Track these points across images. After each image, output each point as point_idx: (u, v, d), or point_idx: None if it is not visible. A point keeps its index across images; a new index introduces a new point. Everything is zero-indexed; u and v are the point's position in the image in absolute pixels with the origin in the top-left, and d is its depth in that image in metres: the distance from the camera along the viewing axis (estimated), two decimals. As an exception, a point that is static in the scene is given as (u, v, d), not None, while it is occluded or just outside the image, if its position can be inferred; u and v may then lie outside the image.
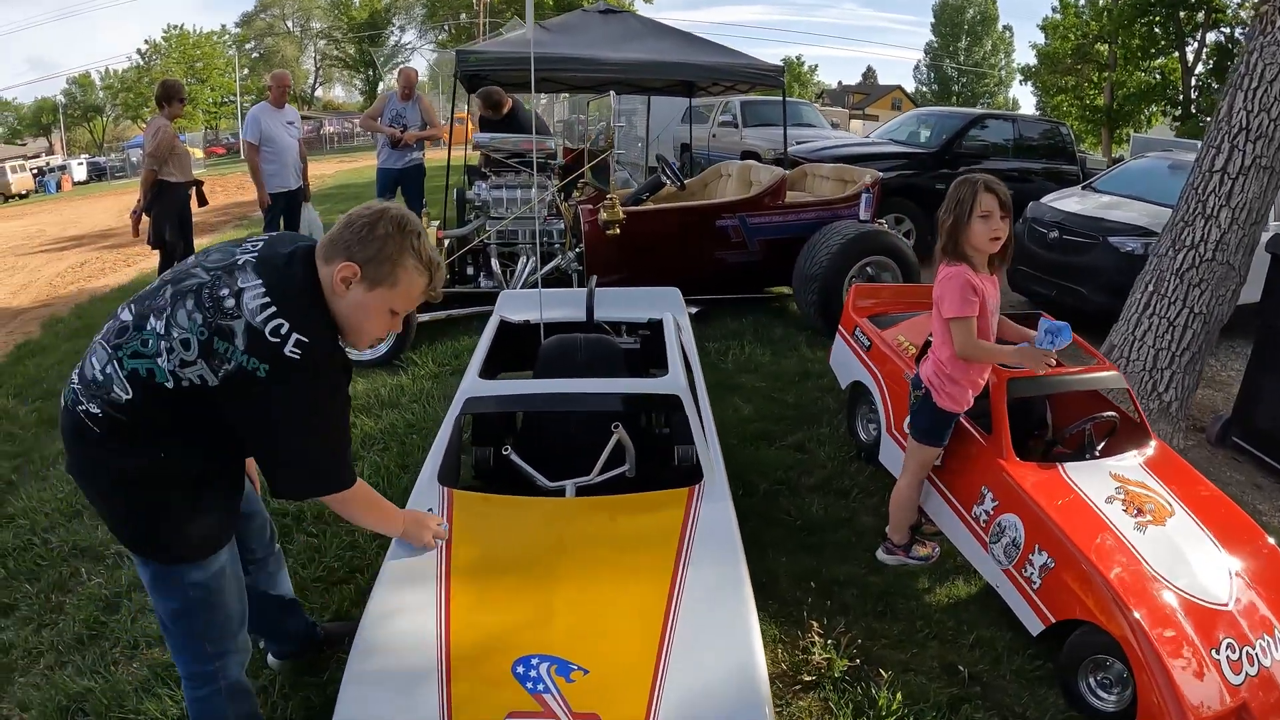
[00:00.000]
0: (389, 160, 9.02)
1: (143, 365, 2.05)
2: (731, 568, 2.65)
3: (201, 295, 2.07)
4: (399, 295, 2.19)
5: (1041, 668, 3.26)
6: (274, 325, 2.02)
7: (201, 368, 2.02)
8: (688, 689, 2.18)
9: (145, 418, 2.08)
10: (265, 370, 2.01)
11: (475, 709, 2.13)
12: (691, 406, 3.32)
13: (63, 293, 10.39)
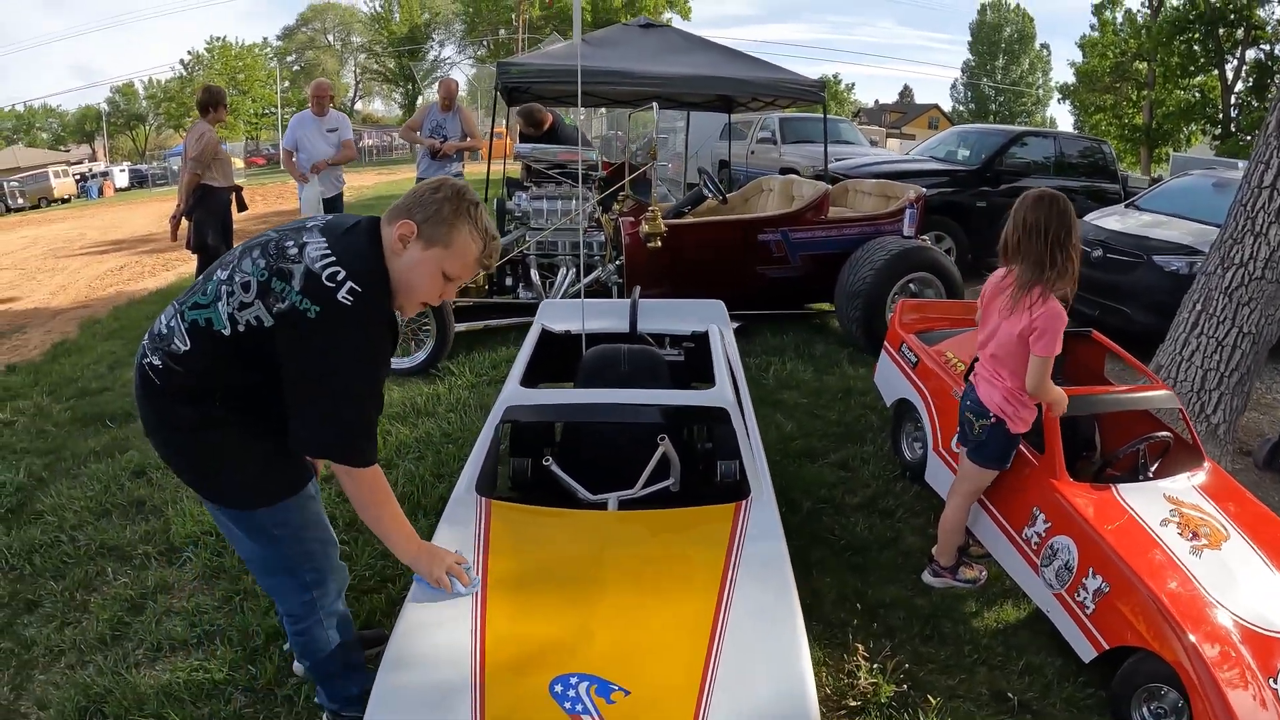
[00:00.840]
0: (428, 171, 9.04)
1: (201, 315, 2.17)
2: (780, 587, 2.57)
3: (268, 246, 2.20)
4: (453, 257, 2.25)
5: (1092, 696, 3.16)
6: (331, 272, 2.10)
7: (258, 308, 2.12)
8: (736, 709, 2.10)
9: (202, 368, 2.17)
10: (315, 312, 2.08)
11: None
12: (739, 420, 3.27)
13: (101, 294, 10.45)
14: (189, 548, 3.90)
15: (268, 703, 2.93)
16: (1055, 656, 3.36)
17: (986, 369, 3.55)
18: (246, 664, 3.09)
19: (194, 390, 2.19)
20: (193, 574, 3.73)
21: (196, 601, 3.51)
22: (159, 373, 2.20)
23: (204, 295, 2.19)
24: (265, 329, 2.11)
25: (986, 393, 3.52)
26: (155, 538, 4.02)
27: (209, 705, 2.90)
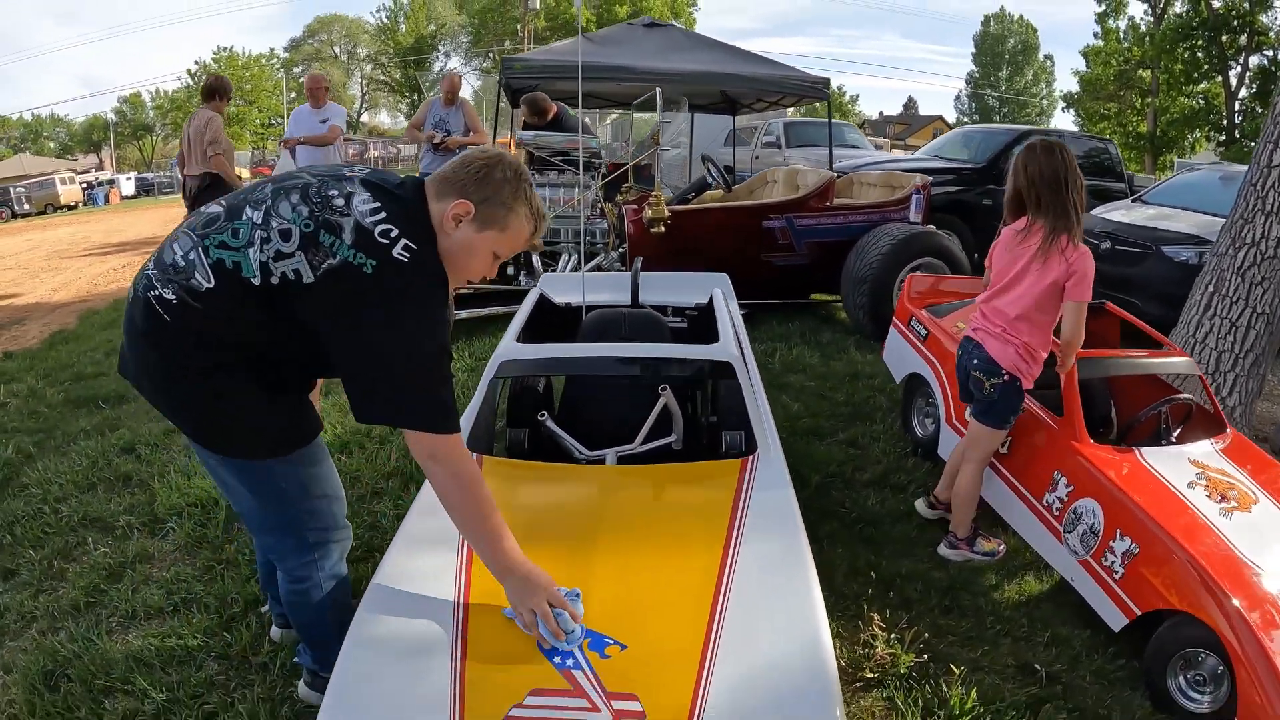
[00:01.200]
0: (431, 165, 8.93)
1: (229, 257, 1.97)
2: (791, 542, 2.41)
3: (309, 192, 2.02)
4: (506, 239, 2.15)
5: (1124, 668, 3.00)
6: (383, 229, 1.96)
7: (299, 261, 1.94)
8: (744, 668, 1.92)
9: (222, 310, 1.98)
10: (372, 267, 1.92)
11: (492, 684, 1.87)
12: (744, 375, 3.12)
13: (103, 290, 10.34)
14: (173, 519, 3.76)
15: (241, 670, 2.78)
16: (1082, 628, 3.20)
17: (998, 326, 3.44)
18: (222, 631, 2.95)
19: (210, 332, 2.00)
20: (175, 545, 3.59)
21: (176, 570, 3.36)
22: (171, 308, 1.98)
23: (234, 237, 1.99)
24: (303, 284, 1.94)
25: (999, 350, 3.42)
26: (139, 509, 3.89)
27: (179, 671, 2.75)
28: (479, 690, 1.85)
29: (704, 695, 1.84)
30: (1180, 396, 3.77)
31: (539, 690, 1.85)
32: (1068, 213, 3.23)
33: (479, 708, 1.80)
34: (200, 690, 2.65)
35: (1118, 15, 36.88)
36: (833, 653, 1.98)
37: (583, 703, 1.82)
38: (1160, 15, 34.17)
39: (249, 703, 2.57)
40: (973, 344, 3.55)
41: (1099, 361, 3.75)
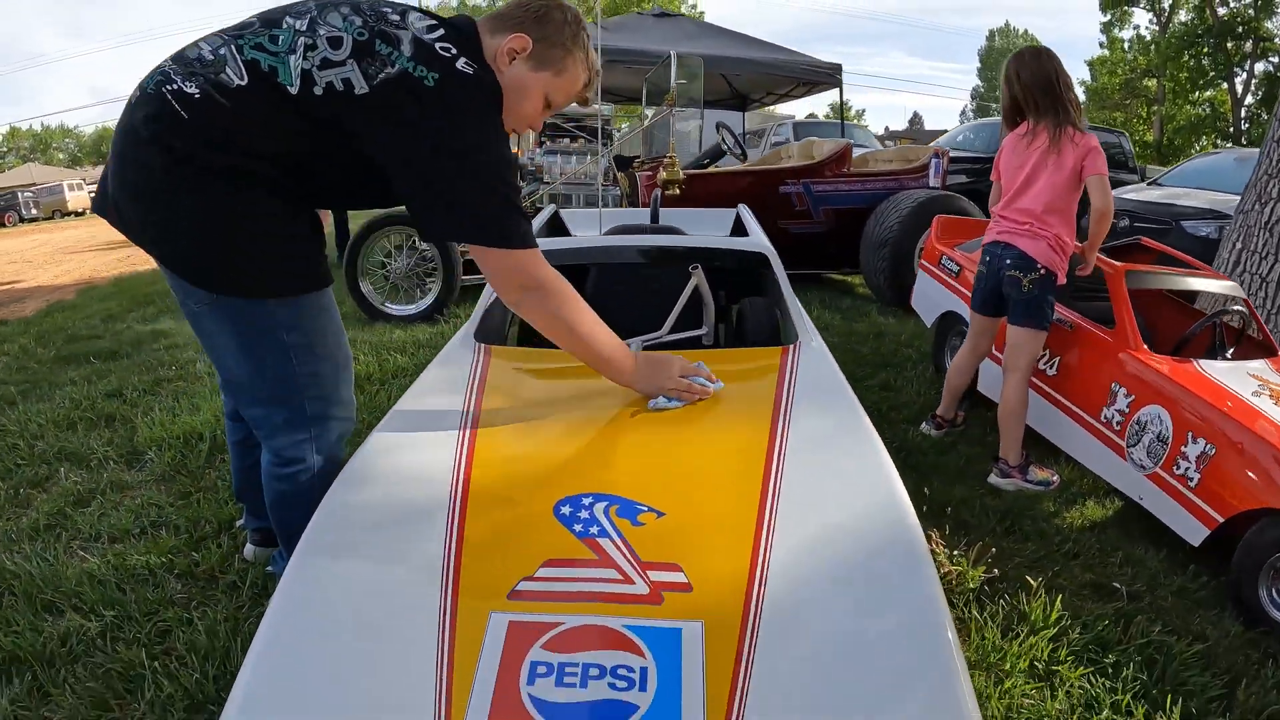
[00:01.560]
0: None
1: (265, 60, 1.76)
2: (847, 412, 2.10)
3: (360, 5, 1.86)
4: (560, 84, 1.99)
5: (1206, 585, 2.71)
6: (443, 45, 1.80)
7: (351, 69, 1.75)
8: (811, 528, 1.58)
9: (257, 111, 1.75)
10: (435, 79, 1.75)
11: (496, 553, 1.53)
12: (780, 270, 2.85)
13: (105, 275, 10.18)
14: (152, 450, 3.49)
15: (206, 589, 2.49)
16: (1156, 548, 2.91)
17: (1025, 224, 3.36)
18: (190, 550, 2.68)
19: (239, 132, 1.75)
20: (152, 475, 3.31)
21: (148, 496, 3.10)
22: (193, 103, 1.72)
23: (272, 42, 1.78)
24: (355, 95, 1.74)
25: (1031, 245, 3.33)
26: (119, 444, 3.63)
27: (136, 590, 2.45)
28: (479, 560, 1.51)
29: (764, 559, 1.50)
30: (1234, 309, 3.55)
31: (556, 560, 1.49)
32: (1066, 109, 3.26)
33: (478, 580, 1.46)
34: (156, 608, 2.35)
35: (1123, 25, 36.80)
36: (913, 510, 1.65)
37: (611, 573, 1.46)
38: (1165, 24, 34.09)
39: (209, 620, 2.26)
40: (1001, 246, 3.43)
41: (1146, 275, 3.55)
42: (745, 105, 13.14)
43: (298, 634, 1.38)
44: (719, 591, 1.42)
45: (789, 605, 1.40)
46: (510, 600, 1.39)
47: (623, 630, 1.32)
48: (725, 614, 1.37)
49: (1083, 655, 2.29)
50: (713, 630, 1.33)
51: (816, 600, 1.43)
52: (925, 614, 1.40)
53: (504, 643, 1.31)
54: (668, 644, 1.31)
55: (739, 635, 1.33)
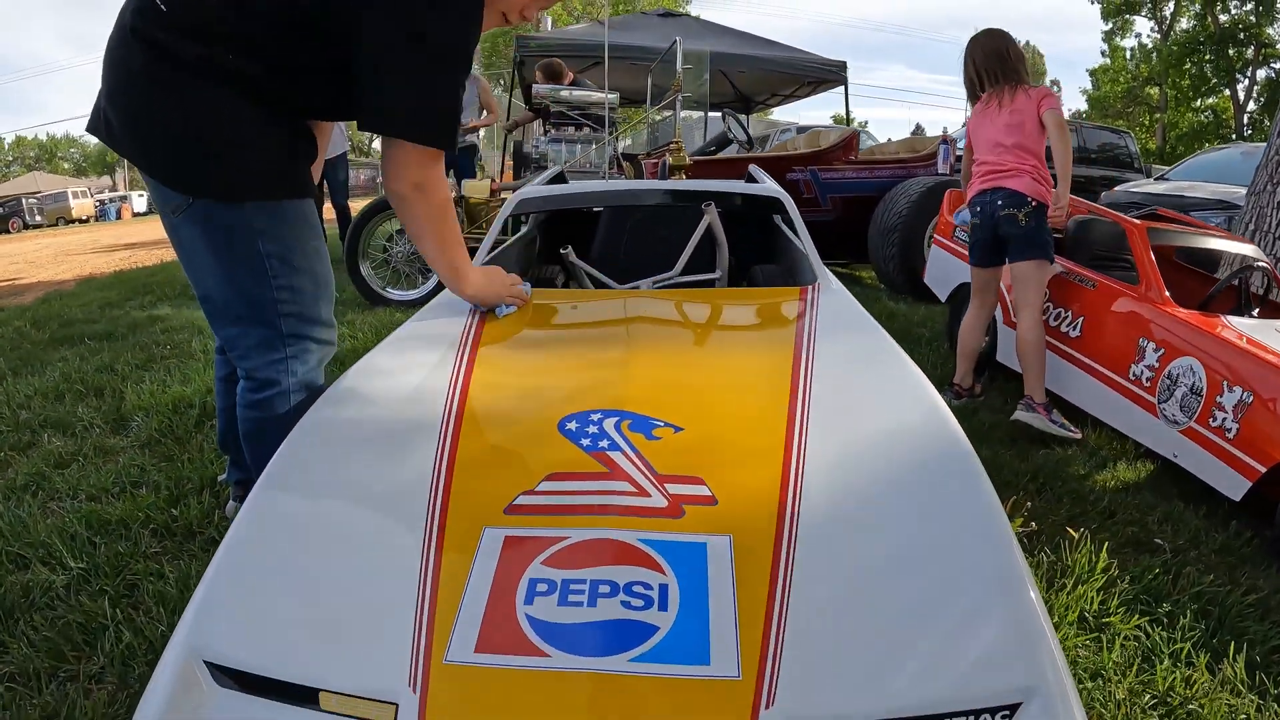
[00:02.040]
0: None
1: None
2: (874, 336, 1.99)
3: None
4: None
5: (1249, 542, 2.58)
6: None
7: None
8: (847, 438, 1.45)
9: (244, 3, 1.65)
10: None
11: (492, 467, 1.40)
12: (797, 215, 2.74)
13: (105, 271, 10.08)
14: (139, 416, 3.38)
15: (183, 544, 2.36)
16: (1196, 505, 2.78)
17: (1006, 166, 3.52)
18: (169, 508, 2.54)
19: (214, 26, 1.65)
20: (138, 441, 3.19)
21: (131, 459, 2.98)
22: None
23: None
24: None
25: (1018, 182, 3.48)
26: (105, 411, 3.51)
27: (109, 544, 2.33)
28: (473, 476, 1.37)
29: (798, 470, 1.35)
30: (1258, 264, 3.47)
31: (560, 474, 1.35)
32: (1018, 72, 3.59)
33: (471, 495, 1.32)
34: (127, 561, 2.24)
35: (1125, 34, 36.78)
36: (957, 423, 1.51)
37: (624, 485, 1.31)
38: (1167, 32, 34.02)
39: (180, 572, 2.13)
40: (989, 192, 3.56)
41: (1168, 232, 3.49)
42: (749, 107, 13.03)
43: (261, 549, 1.26)
44: (748, 504, 1.29)
45: (829, 517, 1.27)
46: (507, 515, 1.26)
47: (638, 544, 1.19)
48: (756, 527, 1.24)
49: (1134, 606, 2.16)
50: (742, 544, 1.20)
51: (860, 512, 1.30)
52: (984, 522, 1.28)
53: (498, 558, 1.18)
54: (691, 559, 1.18)
55: (773, 549, 1.20)
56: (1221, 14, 31.38)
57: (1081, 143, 11.34)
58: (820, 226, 7.08)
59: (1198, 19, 32.59)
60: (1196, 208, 7.14)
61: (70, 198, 35.58)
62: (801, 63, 10.28)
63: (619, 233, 3.23)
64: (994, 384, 3.99)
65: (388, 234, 5.94)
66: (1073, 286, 3.51)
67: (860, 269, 7.76)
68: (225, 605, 1.16)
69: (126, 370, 4.11)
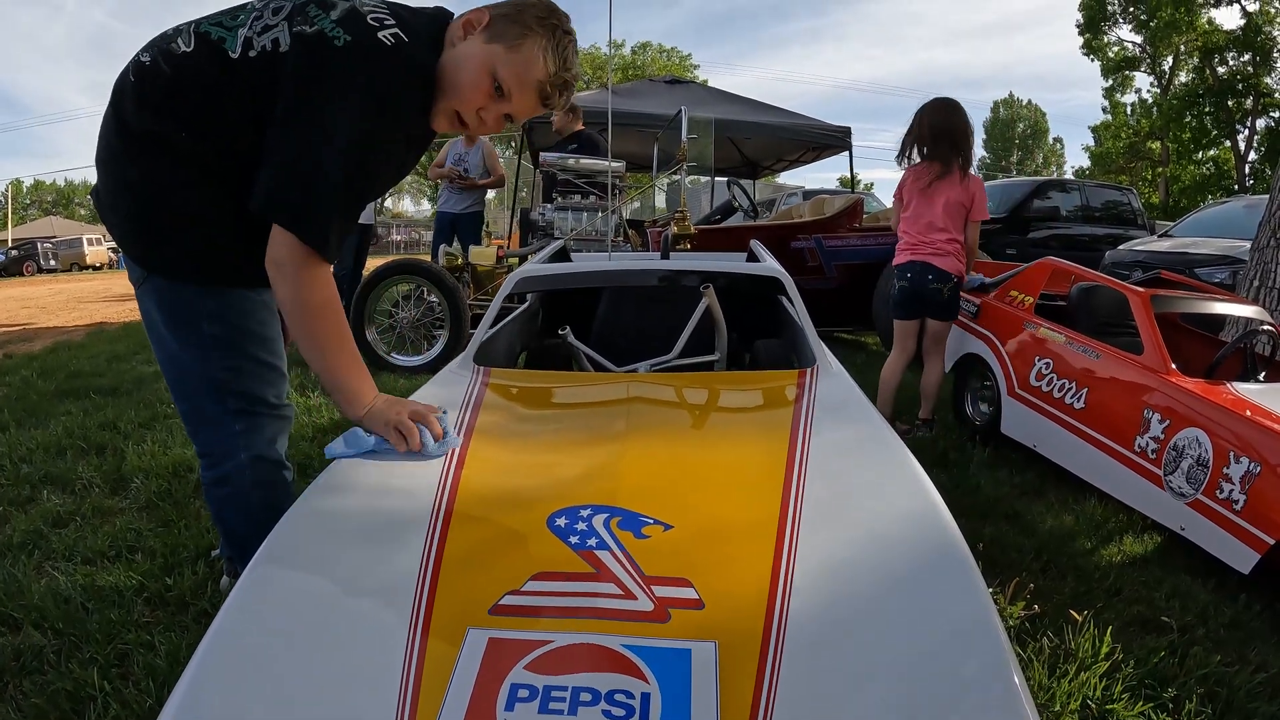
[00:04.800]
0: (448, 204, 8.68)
1: (216, 32, 1.73)
2: (871, 424, 1.99)
3: None
4: (512, 61, 1.77)
5: (1260, 615, 2.56)
6: (376, 16, 1.72)
7: (281, 30, 1.70)
8: (840, 540, 1.43)
9: (190, 79, 1.70)
10: (345, 42, 1.66)
11: (478, 565, 1.37)
12: (796, 295, 2.75)
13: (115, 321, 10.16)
14: (138, 477, 3.38)
15: (175, 614, 2.35)
16: (1204, 580, 2.76)
17: (939, 242, 4.09)
18: (163, 576, 2.54)
19: (173, 104, 1.70)
20: (137, 503, 3.20)
21: (127, 521, 2.99)
22: (143, 69, 1.72)
23: (230, 18, 1.76)
24: (279, 54, 1.67)
25: (944, 263, 4.09)
26: (106, 470, 3.53)
27: (102, 610, 2.33)
28: (460, 573, 1.35)
29: (788, 571, 1.33)
30: (1263, 329, 3.45)
31: (547, 574, 1.33)
32: (958, 150, 4.05)
33: (457, 594, 1.30)
34: (119, 630, 2.23)
35: (1125, 90, 37.16)
36: (952, 517, 1.51)
37: (610, 587, 1.29)
38: (1166, 86, 34.33)
39: (171, 645, 2.12)
40: (919, 265, 4.15)
41: (1172, 299, 3.50)
42: (756, 173, 13.15)
43: (243, 648, 1.23)
44: (736, 608, 1.27)
45: (817, 623, 1.24)
46: (492, 615, 1.24)
47: (622, 650, 1.16)
48: (743, 633, 1.21)
49: (1138, 691, 2.13)
50: (728, 651, 1.18)
51: (849, 618, 1.27)
52: (977, 626, 1.24)
53: (481, 661, 1.15)
54: (675, 666, 1.15)
55: (760, 656, 1.17)
56: (1219, 66, 31.73)
57: (1085, 201, 11.36)
58: (825, 294, 7.14)
59: (1196, 72, 32.92)
60: (1200, 264, 7.15)
61: (85, 244, 35.83)
62: (806, 129, 10.38)
63: (619, 311, 3.26)
64: (999, 451, 3.97)
65: (394, 299, 5.95)
66: (1076, 356, 3.50)
67: (867, 335, 7.76)
68: (208, 699, 1.14)
69: (129, 428, 4.13)
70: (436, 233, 8.84)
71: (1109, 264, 8.00)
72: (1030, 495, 3.50)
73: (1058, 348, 3.63)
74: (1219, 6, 31.11)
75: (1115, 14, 33.90)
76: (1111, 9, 33.77)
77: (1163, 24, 31.80)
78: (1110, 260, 8.10)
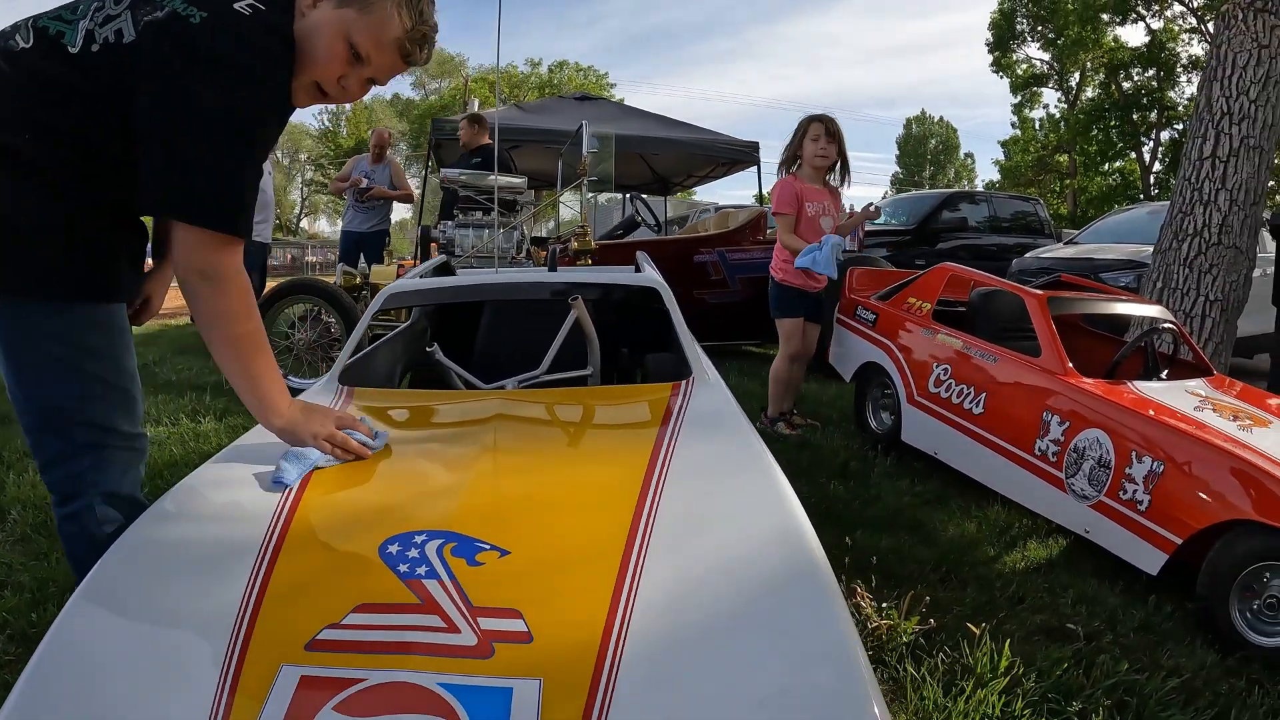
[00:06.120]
0: (353, 223, 8.47)
1: (55, 26, 1.61)
2: (740, 439, 1.89)
3: None
4: (367, 24, 1.69)
5: (1171, 616, 2.48)
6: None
7: (124, 20, 1.58)
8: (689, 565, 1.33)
9: (28, 75, 1.57)
10: (201, 18, 1.55)
11: (301, 598, 1.28)
12: (673, 305, 2.64)
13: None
14: (16, 508, 3.18)
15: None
16: (1111, 583, 2.68)
17: None
18: (29, 611, 2.38)
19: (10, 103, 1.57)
20: (12, 536, 2.99)
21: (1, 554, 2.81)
22: None
23: (70, 11, 1.63)
24: (125, 45, 1.55)
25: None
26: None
27: None
28: (282, 606, 1.24)
29: (629, 600, 1.23)
30: (1163, 328, 3.41)
31: (369, 605, 1.24)
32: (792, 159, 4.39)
33: (275, 628, 1.20)
34: None
35: (1033, 106, 38.24)
36: (816, 539, 1.39)
37: (433, 620, 1.20)
38: (1073, 101, 35.38)
39: None
40: None
41: (1070, 300, 3.46)
42: (667, 189, 13.14)
43: (57, 684, 1.16)
44: (566, 642, 1.16)
45: (657, 655, 1.14)
46: (308, 651, 1.15)
47: (436, 689, 1.08)
48: (572, 668, 1.11)
49: (1041, 706, 2.02)
50: (554, 689, 1.08)
51: (694, 648, 1.17)
52: (834, 654, 1.15)
53: (290, 702, 1.08)
54: (492, 706, 1.06)
55: (589, 694, 1.07)
56: (1125, 81, 32.76)
57: (993, 212, 11.51)
58: (730, 307, 7.06)
59: (1102, 87, 33.93)
60: (1105, 269, 7.22)
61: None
62: (714, 144, 10.38)
63: (502, 327, 3.16)
64: (901, 464, 3.88)
65: (290, 320, 5.73)
66: (974, 361, 3.43)
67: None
68: None
69: (13, 458, 3.85)
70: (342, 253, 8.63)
71: (1016, 272, 8.07)
72: (933, 504, 3.40)
73: (955, 353, 3.56)
74: (1124, 24, 32.10)
75: (1024, 33, 34.95)
76: (1020, 28, 34.80)
77: (1070, 42, 32.81)
78: (1017, 268, 8.18)
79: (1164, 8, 30.54)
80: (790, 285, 4.39)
